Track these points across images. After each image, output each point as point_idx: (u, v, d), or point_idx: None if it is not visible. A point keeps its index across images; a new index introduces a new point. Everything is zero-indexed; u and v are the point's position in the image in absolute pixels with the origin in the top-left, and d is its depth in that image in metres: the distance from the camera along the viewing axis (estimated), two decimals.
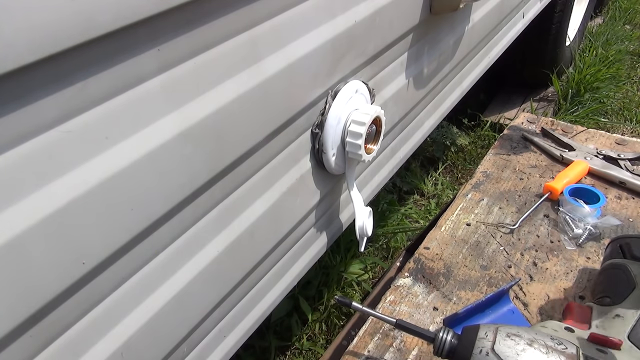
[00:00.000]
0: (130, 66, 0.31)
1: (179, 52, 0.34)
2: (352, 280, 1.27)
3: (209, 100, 0.38)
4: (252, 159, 0.44)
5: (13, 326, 0.28)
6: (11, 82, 0.25)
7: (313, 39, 0.47)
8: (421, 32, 0.68)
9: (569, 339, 0.43)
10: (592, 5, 2.09)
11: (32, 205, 0.28)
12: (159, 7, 0.31)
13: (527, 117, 0.96)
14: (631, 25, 2.59)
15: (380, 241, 1.39)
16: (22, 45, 0.25)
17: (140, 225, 0.35)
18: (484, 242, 0.69)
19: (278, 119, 0.46)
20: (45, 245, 0.29)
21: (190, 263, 0.41)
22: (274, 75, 0.43)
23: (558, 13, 1.59)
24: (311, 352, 1.15)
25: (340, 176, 0.60)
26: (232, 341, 0.50)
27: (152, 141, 0.34)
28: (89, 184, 0.30)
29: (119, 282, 0.35)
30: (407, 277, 0.64)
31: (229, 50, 0.38)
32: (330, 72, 0.51)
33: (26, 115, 0.27)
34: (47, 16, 0.25)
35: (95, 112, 0.30)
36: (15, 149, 0.27)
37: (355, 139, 0.52)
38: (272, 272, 0.54)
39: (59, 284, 0.30)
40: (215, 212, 0.42)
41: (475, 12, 0.86)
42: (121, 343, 0.36)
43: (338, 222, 0.64)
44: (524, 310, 0.59)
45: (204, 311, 0.44)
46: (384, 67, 0.62)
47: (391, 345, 0.56)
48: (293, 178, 0.51)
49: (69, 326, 0.32)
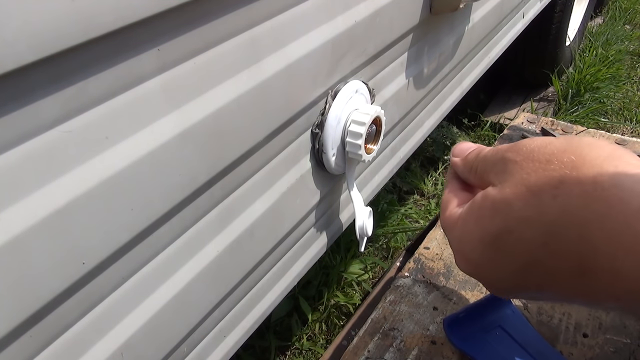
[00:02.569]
0: (130, 66, 0.31)
1: (179, 52, 0.34)
2: (352, 280, 1.27)
3: (209, 100, 0.38)
4: (252, 159, 0.44)
5: (13, 326, 0.28)
6: (11, 82, 0.25)
7: (313, 39, 0.47)
8: (421, 32, 0.68)
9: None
10: (592, 5, 2.09)
11: (32, 205, 0.28)
12: (159, 7, 0.31)
13: (527, 117, 0.96)
14: (631, 25, 2.59)
15: (380, 241, 1.39)
16: (22, 45, 0.25)
17: (140, 225, 0.35)
18: None
19: (278, 119, 0.46)
20: (45, 245, 0.29)
21: (190, 263, 0.41)
22: (273, 75, 0.43)
23: (558, 13, 1.60)
24: (311, 352, 1.15)
25: (340, 176, 0.60)
26: (232, 341, 0.50)
27: (152, 141, 0.34)
28: (89, 184, 0.30)
29: (119, 282, 0.35)
30: (407, 277, 0.64)
31: (229, 50, 0.38)
32: (330, 72, 0.51)
33: (26, 115, 0.27)
34: (47, 16, 0.25)
35: (95, 112, 0.30)
36: (15, 149, 0.27)
37: (355, 139, 0.52)
38: (272, 272, 0.54)
39: (59, 284, 0.30)
40: (215, 212, 0.42)
41: (475, 12, 0.86)
42: (121, 343, 0.36)
43: (338, 222, 0.64)
44: (524, 310, 0.59)
45: (204, 311, 0.44)
46: (384, 67, 0.62)
47: (391, 345, 0.56)
48: (293, 178, 0.51)
49: (69, 326, 0.32)
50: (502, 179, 0.32)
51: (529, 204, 0.29)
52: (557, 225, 0.28)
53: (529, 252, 0.30)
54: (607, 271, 0.26)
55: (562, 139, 0.31)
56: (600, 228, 0.26)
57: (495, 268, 0.33)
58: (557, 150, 0.30)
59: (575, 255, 0.27)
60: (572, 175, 0.28)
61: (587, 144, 0.29)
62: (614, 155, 0.28)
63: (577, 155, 0.29)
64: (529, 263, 0.30)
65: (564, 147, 0.30)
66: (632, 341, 0.55)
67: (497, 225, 0.31)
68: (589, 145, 0.29)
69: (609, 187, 0.26)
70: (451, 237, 0.37)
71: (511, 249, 0.31)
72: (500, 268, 0.32)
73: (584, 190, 0.27)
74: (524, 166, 0.31)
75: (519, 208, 0.30)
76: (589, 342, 0.56)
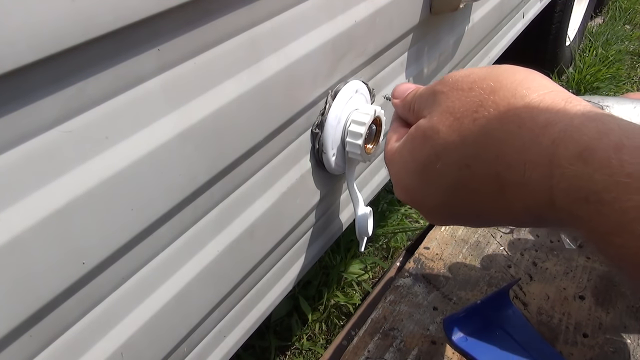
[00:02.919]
0: (130, 66, 0.31)
1: (179, 52, 0.34)
2: (352, 280, 1.27)
3: (209, 100, 0.38)
4: (252, 159, 0.44)
5: (13, 326, 0.28)
6: (11, 82, 0.25)
7: (313, 39, 0.47)
8: (421, 32, 0.68)
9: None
10: (592, 5, 2.09)
11: (32, 205, 0.28)
12: (159, 7, 0.31)
13: None
14: (631, 25, 2.59)
15: (380, 241, 1.39)
16: (22, 45, 0.25)
17: (140, 225, 0.35)
18: (484, 242, 0.69)
19: (278, 119, 0.46)
20: (45, 245, 0.29)
21: (190, 263, 0.41)
22: (273, 75, 0.43)
23: (558, 13, 1.60)
24: (311, 352, 1.15)
25: (340, 176, 0.60)
26: (232, 341, 0.50)
27: (152, 141, 0.34)
28: (89, 184, 0.30)
29: (119, 282, 0.35)
30: (407, 277, 0.64)
31: (229, 50, 0.38)
32: (330, 72, 0.51)
33: (26, 115, 0.27)
34: (47, 16, 0.25)
35: (95, 112, 0.30)
36: (15, 149, 0.27)
37: (355, 139, 0.52)
38: (272, 272, 0.54)
39: (59, 284, 0.30)
40: (215, 212, 0.42)
41: (475, 12, 0.86)
42: (121, 343, 0.36)
43: (338, 222, 0.64)
44: (524, 310, 0.59)
45: (204, 311, 0.44)
46: (384, 67, 0.62)
47: (391, 345, 0.56)
48: (293, 178, 0.51)
49: (69, 326, 0.32)
50: (431, 110, 0.34)
51: (452, 128, 0.31)
52: (477, 146, 0.30)
53: (455, 175, 0.32)
54: (518, 185, 0.28)
55: (485, 67, 0.33)
56: (512, 145, 0.28)
57: (427, 195, 0.35)
58: (479, 78, 0.32)
59: (494, 173, 0.29)
60: (490, 99, 0.30)
61: (504, 70, 0.32)
62: (528, 78, 0.30)
63: (495, 81, 0.31)
64: (455, 186, 0.32)
65: (485, 75, 0.32)
66: (632, 341, 0.55)
67: (427, 152, 0.33)
68: (506, 70, 0.31)
69: (520, 107, 0.29)
70: (391, 171, 0.39)
71: (439, 173, 0.33)
72: (432, 194, 0.34)
73: (499, 112, 0.29)
74: (449, 95, 0.33)
75: (444, 133, 0.32)
76: (589, 342, 0.56)
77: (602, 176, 0.24)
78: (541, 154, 0.27)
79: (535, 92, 0.29)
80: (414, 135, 0.35)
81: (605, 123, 0.25)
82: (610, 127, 0.25)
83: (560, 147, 0.26)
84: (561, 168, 0.26)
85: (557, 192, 0.26)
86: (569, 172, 0.25)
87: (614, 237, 0.24)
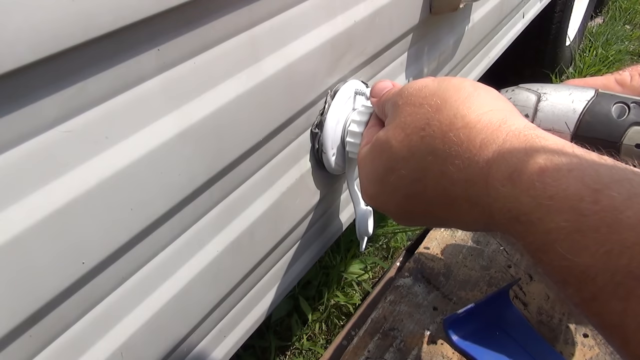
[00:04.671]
0: (130, 66, 0.31)
1: (179, 52, 0.34)
2: (352, 280, 1.27)
3: (209, 100, 0.38)
4: (252, 158, 0.44)
5: (13, 326, 0.28)
6: (11, 82, 0.25)
7: (313, 38, 0.47)
8: (421, 32, 0.68)
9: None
10: (592, 5, 2.09)
11: (32, 204, 0.28)
12: (159, 7, 0.31)
13: None
14: (631, 25, 2.59)
15: (380, 241, 1.39)
16: (22, 45, 0.25)
17: (140, 225, 0.35)
18: (484, 242, 0.69)
19: (278, 119, 0.46)
20: (45, 244, 0.29)
21: (190, 263, 0.41)
22: (273, 75, 0.43)
23: (558, 13, 1.60)
24: (311, 352, 1.15)
25: (340, 176, 0.60)
26: (232, 341, 0.50)
27: (152, 141, 0.34)
28: (89, 184, 0.30)
29: (119, 282, 0.35)
30: (407, 277, 0.64)
31: (229, 50, 0.38)
32: (329, 72, 0.51)
33: (26, 115, 0.27)
34: (47, 16, 0.25)
35: (95, 112, 0.30)
36: (15, 149, 0.27)
37: (355, 138, 0.52)
38: (272, 272, 0.54)
39: (59, 284, 0.30)
40: (215, 212, 0.42)
41: (475, 12, 0.86)
42: (121, 343, 0.36)
43: (338, 222, 0.64)
44: (524, 310, 0.59)
45: (204, 311, 0.44)
46: (384, 67, 0.62)
47: (391, 345, 0.56)
48: (293, 178, 0.51)
49: (69, 326, 0.32)
50: (389, 122, 0.36)
51: (403, 144, 0.33)
52: (425, 162, 0.32)
53: (409, 187, 0.34)
54: (463, 199, 0.30)
55: (437, 81, 0.34)
56: (453, 163, 0.30)
57: (388, 202, 0.37)
58: (429, 93, 0.33)
59: (442, 188, 0.31)
60: (435, 117, 0.32)
61: (452, 86, 0.33)
62: (471, 96, 0.32)
63: (442, 99, 0.32)
64: (411, 196, 0.34)
65: (434, 90, 0.33)
66: None
67: (383, 164, 0.35)
68: (454, 87, 0.33)
69: (460, 127, 0.30)
70: (359, 174, 0.41)
71: (395, 184, 0.35)
72: (391, 201, 0.36)
73: (442, 131, 0.31)
74: (403, 110, 0.34)
75: (396, 148, 0.34)
76: (589, 342, 0.56)
77: (528, 198, 0.25)
78: (478, 174, 0.28)
79: (474, 113, 0.30)
80: (374, 145, 0.37)
81: (533, 144, 0.27)
82: (536, 148, 0.26)
83: (492, 168, 0.27)
84: (494, 189, 0.27)
85: (494, 210, 0.27)
86: (502, 193, 0.27)
87: (542, 255, 0.25)
